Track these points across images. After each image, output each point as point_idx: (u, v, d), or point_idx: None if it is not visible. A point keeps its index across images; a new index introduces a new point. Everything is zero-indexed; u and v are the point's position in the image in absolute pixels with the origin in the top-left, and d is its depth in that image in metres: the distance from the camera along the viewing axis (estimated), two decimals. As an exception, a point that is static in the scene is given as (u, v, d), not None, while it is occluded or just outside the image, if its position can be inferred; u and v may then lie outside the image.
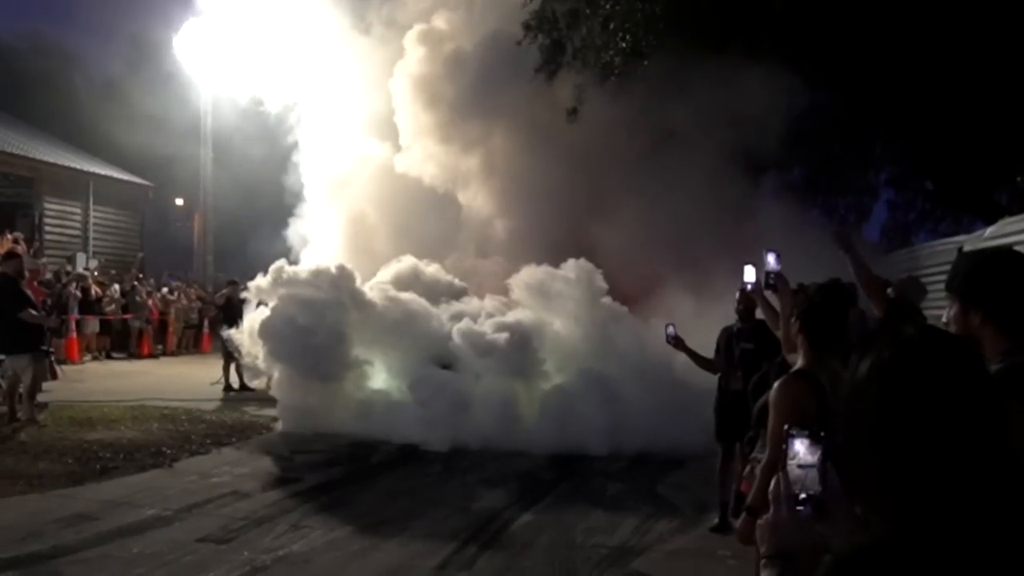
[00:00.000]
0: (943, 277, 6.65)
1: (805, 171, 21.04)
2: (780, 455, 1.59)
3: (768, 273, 4.25)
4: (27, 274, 11.95)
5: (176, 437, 10.28)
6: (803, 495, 1.53)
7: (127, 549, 6.12)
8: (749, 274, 5.51)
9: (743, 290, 6.34)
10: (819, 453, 1.53)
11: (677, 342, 6.80)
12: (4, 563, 5.72)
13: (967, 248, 7.30)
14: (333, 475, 8.79)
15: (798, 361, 3.54)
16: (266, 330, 11.62)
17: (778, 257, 4.28)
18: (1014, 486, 1.28)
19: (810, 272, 6.91)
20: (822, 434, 1.54)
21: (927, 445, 1.29)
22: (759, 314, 5.80)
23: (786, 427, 1.56)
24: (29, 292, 11.10)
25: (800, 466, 1.54)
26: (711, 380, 7.37)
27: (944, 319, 2.29)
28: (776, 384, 3.45)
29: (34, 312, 10.69)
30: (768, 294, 5.36)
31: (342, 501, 7.77)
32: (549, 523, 7.20)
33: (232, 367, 14.74)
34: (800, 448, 1.54)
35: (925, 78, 13.05)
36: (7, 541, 6.16)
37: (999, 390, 1.34)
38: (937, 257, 8.66)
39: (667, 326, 6.81)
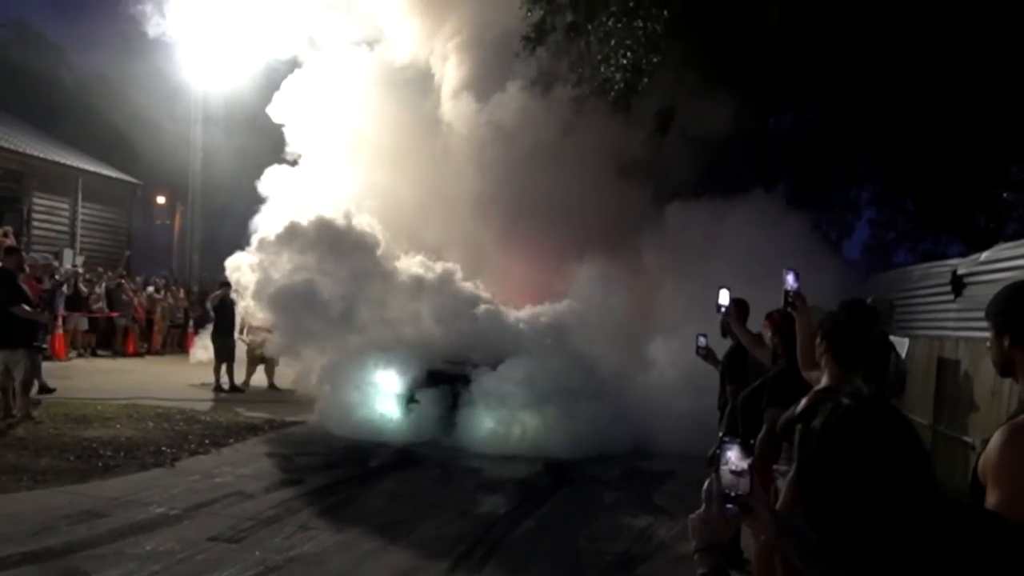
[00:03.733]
0: (936, 299, 6.92)
1: (790, 187, 21.42)
2: None
3: (787, 292, 4.37)
4: (27, 269, 11.99)
5: (173, 436, 10.36)
6: (733, 495, 1.81)
7: (140, 546, 6.22)
8: (723, 297, 5.69)
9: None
10: (748, 460, 1.83)
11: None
12: (21, 557, 5.81)
13: (961, 271, 7.58)
14: (335, 477, 8.90)
15: (822, 379, 3.71)
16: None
17: (797, 276, 4.37)
18: (939, 535, 1.53)
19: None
20: (752, 442, 1.87)
21: (858, 493, 1.55)
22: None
23: (720, 435, 1.87)
24: (26, 288, 11.14)
25: (732, 471, 1.82)
26: None
27: (987, 344, 2.49)
28: (805, 401, 3.62)
29: (28, 308, 10.73)
30: (768, 316, 5.57)
31: (346, 503, 7.91)
32: (551, 529, 7.38)
33: (223, 368, 14.82)
34: (732, 455, 1.84)
35: (908, 98, 13.36)
36: (21, 535, 6.24)
37: (923, 451, 1.60)
38: (929, 279, 8.89)
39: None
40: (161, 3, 21.02)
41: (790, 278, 4.34)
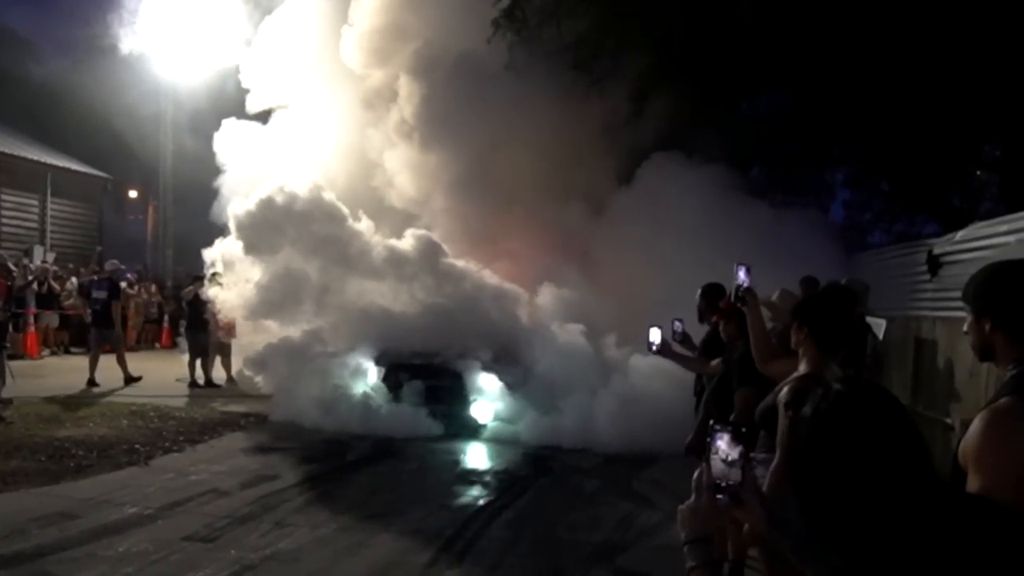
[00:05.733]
0: (913, 279, 6.91)
1: (764, 170, 21.45)
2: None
3: (738, 287, 4.29)
4: None
5: (148, 434, 10.22)
6: (723, 484, 1.74)
7: (113, 548, 6.11)
8: (654, 335, 5.62)
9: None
10: (739, 449, 1.75)
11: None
12: (-10, 562, 5.69)
13: (936, 251, 7.57)
14: (311, 472, 8.80)
15: (800, 365, 3.66)
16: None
17: (748, 271, 4.30)
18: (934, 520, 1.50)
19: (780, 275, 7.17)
20: (743, 430, 1.76)
21: (853, 480, 1.52)
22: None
23: (711, 423, 1.76)
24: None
25: (723, 460, 1.74)
26: None
27: (964, 328, 2.44)
28: (787, 388, 3.56)
29: None
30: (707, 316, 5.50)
31: (323, 498, 7.81)
32: (530, 520, 7.33)
33: (198, 363, 14.65)
34: (722, 444, 1.76)
35: (881, 79, 13.35)
36: (-10, 540, 6.12)
37: (918, 434, 1.57)
38: (905, 260, 8.89)
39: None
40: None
41: (741, 273, 4.26)
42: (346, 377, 11.63)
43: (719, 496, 1.75)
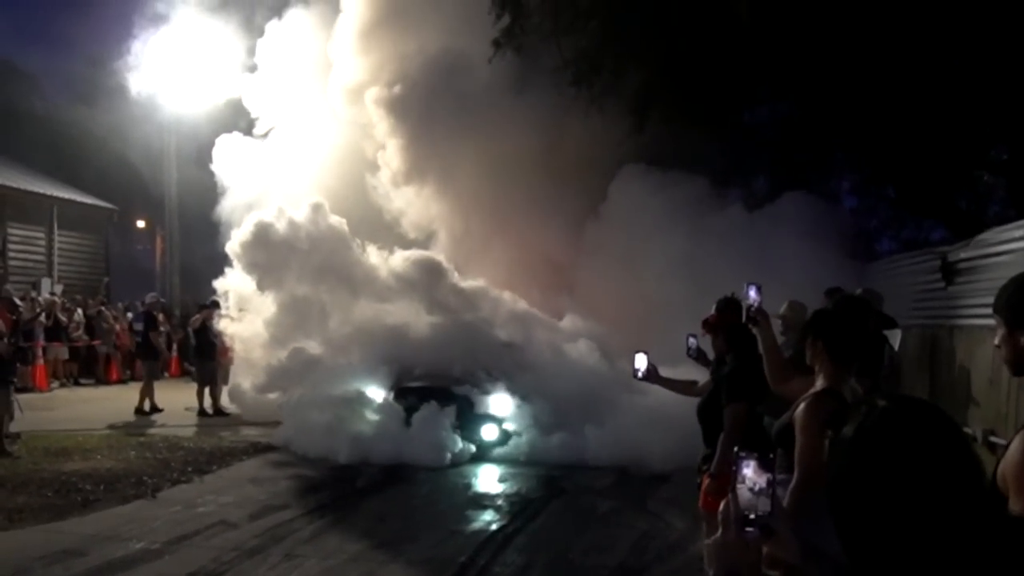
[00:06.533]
0: (925, 287, 6.77)
1: (768, 179, 21.31)
2: (816, 473, 1.65)
3: (749, 307, 4.16)
4: None
5: (155, 465, 10.11)
6: (752, 516, 1.60)
7: (119, 585, 6.00)
8: (639, 361, 5.46)
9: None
10: (767, 476, 1.61)
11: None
12: (-7, 604, 5.59)
13: (951, 258, 7.43)
14: (320, 500, 8.67)
15: (817, 381, 3.53)
16: None
17: (759, 290, 4.16)
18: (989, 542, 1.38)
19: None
20: (771, 456, 1.62)
21: (902, 506, 1.38)
22: None
23: (736, 450, 1.62)
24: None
25: (751, 489, 1.60)
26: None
27: (996, 342, 2.32)
28: (804, 404, 3.44)
29: None
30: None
31: (332, 527, 7.68)
32: (544, 544, 7.19)
33: (207, 391, 14.57)
34: (749, 471, 1.62)
35: (884, 85, 13.25)
36: (-6, 581, 6.02)
37: (973, 455, 1.42)
38: (918, 268, 8.75)
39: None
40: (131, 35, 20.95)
41: (752, 292, 4.12)
42: (354, 402, 11.49)
43: (748, 529, 1.62)
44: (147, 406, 14.40)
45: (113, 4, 26.08)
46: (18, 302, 14.73)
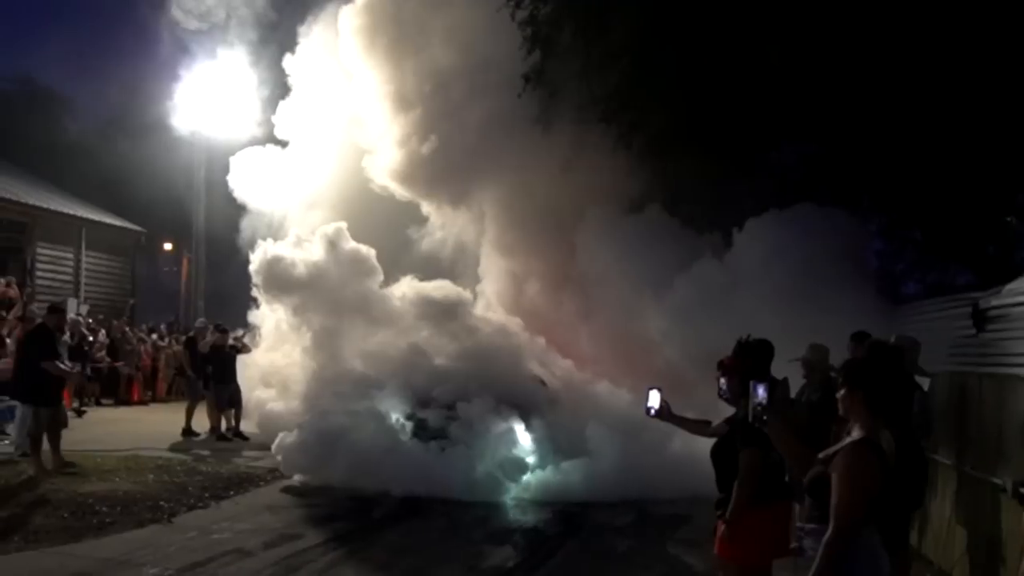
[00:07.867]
0: (955, 333, 6.67)
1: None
2: (854, 527, 1.61)
3: (756, 406, 3.96)
4: (66, 330, 12.13)
5: (173, 490, 10.07)
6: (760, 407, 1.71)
7: (131, 611, 5.95)
8: (653, 399, 5.32)
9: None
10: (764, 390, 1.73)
11: (659, 414, 5.44)
12: (5, 626, 5.55)
13: (982, 304, 7.30)
14: (336, 531, 8.59)
15: (853, 430, 3.44)
16: None
17: (767, 388, 3.85)
18: None
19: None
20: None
21: None
22: None
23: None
24: (62, 349, 11.49)
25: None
26: None
27: None
28: (842, 454, 3.35)
29: (62, 365, 11.00)
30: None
31: (347, 559, 7.61)
32: (562, 583, 7.08)
33: (231, 414, 14.60)
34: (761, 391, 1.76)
35: (912, 128, 13.19)
36: (7, 602, 5.98)
37: None
38: (947, 313, 8.62)
39: (648, 391, 5.40)
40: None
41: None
42: (372, 431, 11.42)
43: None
44: (195, 427, 14.68)
45: (148, 33, 26.51)
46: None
